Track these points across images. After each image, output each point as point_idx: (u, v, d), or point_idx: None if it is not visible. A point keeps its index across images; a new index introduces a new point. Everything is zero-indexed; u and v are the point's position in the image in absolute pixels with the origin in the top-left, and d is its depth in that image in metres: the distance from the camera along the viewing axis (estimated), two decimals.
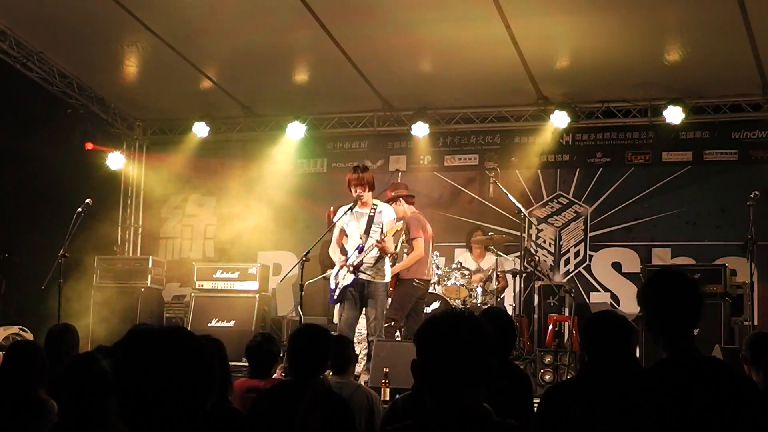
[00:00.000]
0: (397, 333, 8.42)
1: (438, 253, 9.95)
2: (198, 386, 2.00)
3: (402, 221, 8.15)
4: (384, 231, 7.72)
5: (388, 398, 6.39)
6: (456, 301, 9.53)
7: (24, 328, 9.06)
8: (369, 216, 7.84)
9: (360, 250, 7.75)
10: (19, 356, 4.50)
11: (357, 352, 7.82)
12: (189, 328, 10.30)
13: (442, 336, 2.30)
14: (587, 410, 3.61)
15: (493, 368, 2.31)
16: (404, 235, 8.62)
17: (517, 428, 2.41)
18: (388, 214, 7.88)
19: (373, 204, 7.92)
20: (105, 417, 3.40)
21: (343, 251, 8.03)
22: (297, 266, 8.19)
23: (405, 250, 8.88)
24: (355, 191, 7.79)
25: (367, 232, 7.79)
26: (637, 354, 8.23)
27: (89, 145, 11.34)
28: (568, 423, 3.70)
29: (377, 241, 7.64)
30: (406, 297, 8.51)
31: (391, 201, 8.83)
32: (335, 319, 8.68)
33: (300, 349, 4.31)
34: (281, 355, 5.43)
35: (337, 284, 7.87)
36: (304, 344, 4.31)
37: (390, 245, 7.78)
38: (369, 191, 7.86)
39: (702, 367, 2.90)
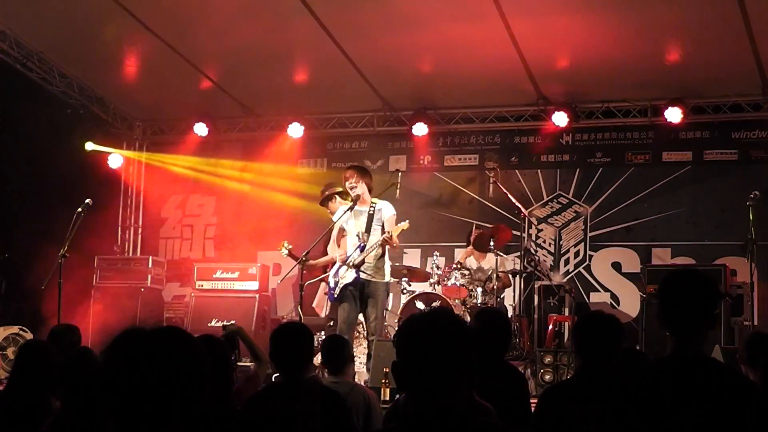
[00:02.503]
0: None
1: (438, 253, 9.95)
2: (189, 386, 1.99)
3: (407, 221, 8.13)
4: (387, 228, 7.71)
5: (388, 398, 6.40)
6: (456, 301, 9.53)
7: (24, 328, 9.05)
8: (368, 214, 7.83)
9: (362, 249, 7.74)
10: (31, 358, 4.46)
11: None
12: (189, 328, 10.38)
13: (420, 336, 2.26)
14: (584, 410, 3.62)
15: (475, 367, 2.27)
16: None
17: (502, 428, 2.39)
18: (388, 211, 7.88)
19: (372, 202, 7.91)
20: (102, 413, 3.41)
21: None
22: (297, 266, 8.20)
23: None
24: (348, 185, 7.83)
25: (367, 230, 7.78)
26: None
27: (89, 145, 11.33)
28: (566, 423, 3.71)
29: (386, 233, 7.62)
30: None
31: (326, 200, 8.96)
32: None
33: (280, 348, 4.33)
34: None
35: (336, 282, 7.86)
36: (284, 343, 4.33)
37: (397, 241, 7.78)
38: (361, 183, 7.86)
39: (699, 367, 2.90)
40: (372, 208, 7.84)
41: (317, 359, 6.21)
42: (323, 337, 8.33)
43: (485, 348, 4.45)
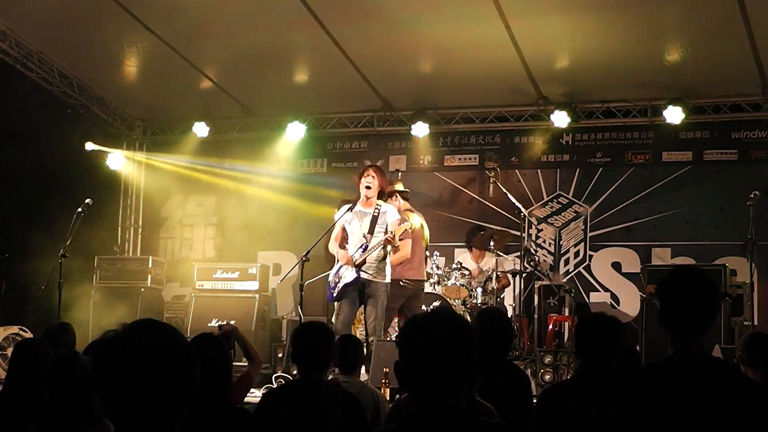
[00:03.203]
0: (388, 333, 8.39)
1: (438, 253, 9.95)
2: (176, 381, 1.98)
3: (409, 222, 8.16)
4: (390, 230, 7.69)
5: (388, 398, 6.39)
6: (456, 301, 9.53)
7: (24, 328, 9.05)
8: (373, 216, 7.83)
9: (364, 249, 7.74)
10: (26, 356, 4.48)
11: None
12: (189, 328, 10.37)
13: (421, 336, 2.28)
14: (583, 410, 3.62)
15: (476, 367, 2.28)
16: None
17: (504, 428, 2.40)
18: (392, 215, 7.87)
19: (377, 204, 7.90)
20: (90, 413, 3.42)
21: (343, 249, 8.03)
22: (297, 266, 8.19)
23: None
24: (364, 181, 7.79)
25: (371, 231, 7.78)
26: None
27: (89, 145, 11.34)
28: (565, 423, 3.71)
29: (387, 232, 7.61)
30: (393, 297, 8.46)
31: (387, 196, 8.86)
32: (333, 318, 8.67)
33: (303, 347, 4.31)
34: None
35: (336, 282, 7.86)
36: (307, 342, 4.32)
37: (398, 242, 7.78)
38: (376, 186, 7.85)
39: (704, 367, 2.90)
40: (377, 210, 7.83)
41: None
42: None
43: (488, 348, 4.45)
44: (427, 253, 9.41)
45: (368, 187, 7.80)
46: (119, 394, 1.96)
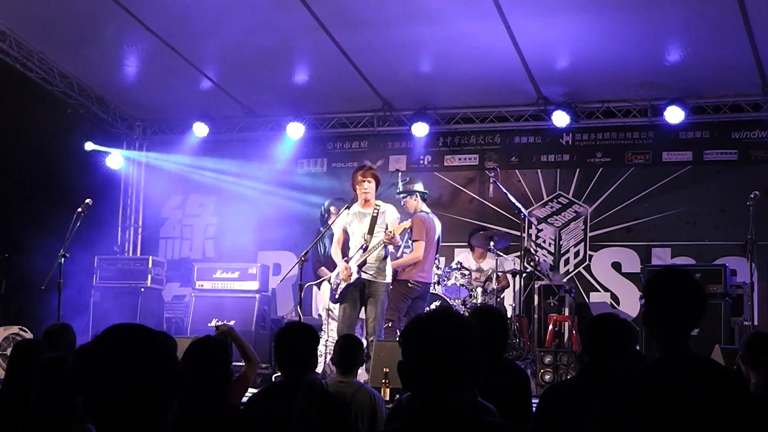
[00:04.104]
0: (397, 333, 8.39)
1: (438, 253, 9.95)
2: (159, 386, 2.00)
3: (410, 219, 8.18)
4: (390, 229, 7.70)
5: (388, 398, 6.40)
6: (456, 301, 9.52)
7: (24, 328, 9.05)
8: (372, 216, 7.84)
9: (364, 250, 7.75)
10: (23, 356, 4.48)
11: None
12: (189, 328, 10.36)
13: (425, 336, 2.27)
14: (585, 410, 3.62)
15: (480, 367, 2.27)
16: (408, 233, 8.62)
17: (507, 427, 2.40)
18: (391, 214, 7.89)
19: (376, 204, 7.92)
20: (73, 414, 3.42)
21: (345, 251, 8.04)
22: (297, 266, 8.21)
23: (406, 251, 8.89)
24: (362, 186, 7.82)
25: (371, 232, 7.79)
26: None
27: (89, 145, 11.33)
28: (567, 422, 3.70)
29: (386, 233, 7.62)
30: (400, 297, 8.47)
31: (406, 194, 8.90)
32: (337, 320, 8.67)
33: (284, 348, 4.33)
34: None
35: (338, 284, 7.88)
36: (288, 343, 4.33)
37: (398, 239, 7.80)
38: (374, 191, 7.89)
39: (691, 367, 2.90)
40: (376, 211, 7.85)
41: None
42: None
43: (484, 346, 4.44)
44: (437, 256, 9.42)
45: (366, 192, 7.86)
46: (100, 399, 1.98)
